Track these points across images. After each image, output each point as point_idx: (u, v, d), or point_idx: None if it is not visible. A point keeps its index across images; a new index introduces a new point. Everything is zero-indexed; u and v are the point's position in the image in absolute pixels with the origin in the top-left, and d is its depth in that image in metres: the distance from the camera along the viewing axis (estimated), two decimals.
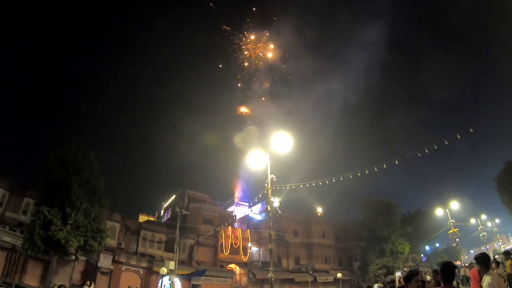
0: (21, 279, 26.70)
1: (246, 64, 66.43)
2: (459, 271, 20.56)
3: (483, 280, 4.99)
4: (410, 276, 4.79)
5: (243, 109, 69.38)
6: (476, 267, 5.91)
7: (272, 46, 66.50)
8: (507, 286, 10.10)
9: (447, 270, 4.26)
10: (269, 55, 66.55)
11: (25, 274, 27.42)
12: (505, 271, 11.10)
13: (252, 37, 65.43)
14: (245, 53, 65.49)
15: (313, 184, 16.67)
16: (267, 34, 65.17)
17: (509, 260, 11.02)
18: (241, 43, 65.02)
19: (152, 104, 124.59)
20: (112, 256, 31.36)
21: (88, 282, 24.76)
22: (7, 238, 26.90)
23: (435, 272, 9.98)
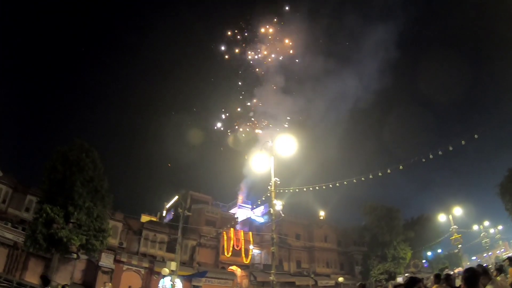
0: (22, 276, 26.81)
1: (251, 61, 66.07)
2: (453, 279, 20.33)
3: None
4: (413, 283, 4.74)
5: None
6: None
7: (277, 48, 66.29)
8: None
9: (471, 276, 4.24)
10: (273, 55, 66.27)
11: (26, 271, 27.51)
12: (507, 278, 10.93)
13: (255, 37, 65.18)
14: (249, 53, 65.26)
15: (317, 187, 16.64)
16: (272, 32, 64.76)
17: None
18: (244, 44, 64.76)
19: (157, 105, 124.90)
20: (113, 256, 31.45)
21: (108, 283, 24.91)
22: (9, 235, 27.01)
23: (436, 276, 9.82)
